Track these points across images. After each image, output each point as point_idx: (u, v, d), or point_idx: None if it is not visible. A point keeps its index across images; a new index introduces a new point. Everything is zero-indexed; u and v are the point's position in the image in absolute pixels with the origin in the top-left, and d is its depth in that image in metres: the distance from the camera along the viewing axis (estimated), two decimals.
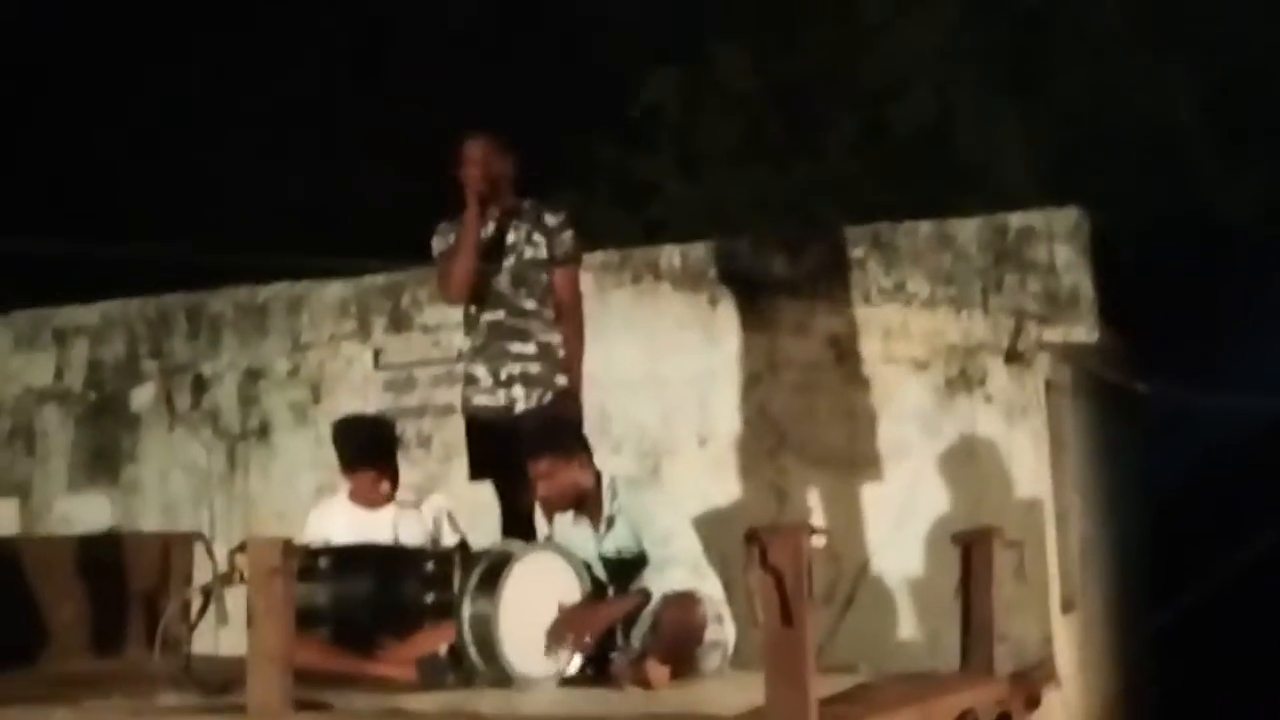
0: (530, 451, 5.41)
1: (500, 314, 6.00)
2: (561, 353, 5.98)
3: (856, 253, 7.32)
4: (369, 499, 5.88)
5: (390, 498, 5.90)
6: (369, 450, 5.91)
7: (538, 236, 6.01)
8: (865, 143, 10.65)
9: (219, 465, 8.39)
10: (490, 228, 6.04)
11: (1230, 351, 8.59)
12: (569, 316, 6.01)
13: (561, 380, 5.93)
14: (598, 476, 5.44)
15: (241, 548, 4.65)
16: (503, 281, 6.00)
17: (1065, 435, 7.47)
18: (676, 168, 11.27)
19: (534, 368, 5.93)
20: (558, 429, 5.53)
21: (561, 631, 5.08)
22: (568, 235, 6.04)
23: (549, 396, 5.89)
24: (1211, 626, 9.18)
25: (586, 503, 5.41)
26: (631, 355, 7.50)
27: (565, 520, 5.48)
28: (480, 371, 6.02)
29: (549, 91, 11.51)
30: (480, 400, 6.03)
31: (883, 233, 7.33)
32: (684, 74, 11.09)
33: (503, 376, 5.96)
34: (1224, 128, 9.69)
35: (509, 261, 6.00)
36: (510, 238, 6.03)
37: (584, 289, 6.21)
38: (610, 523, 5.38)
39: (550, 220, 6.04)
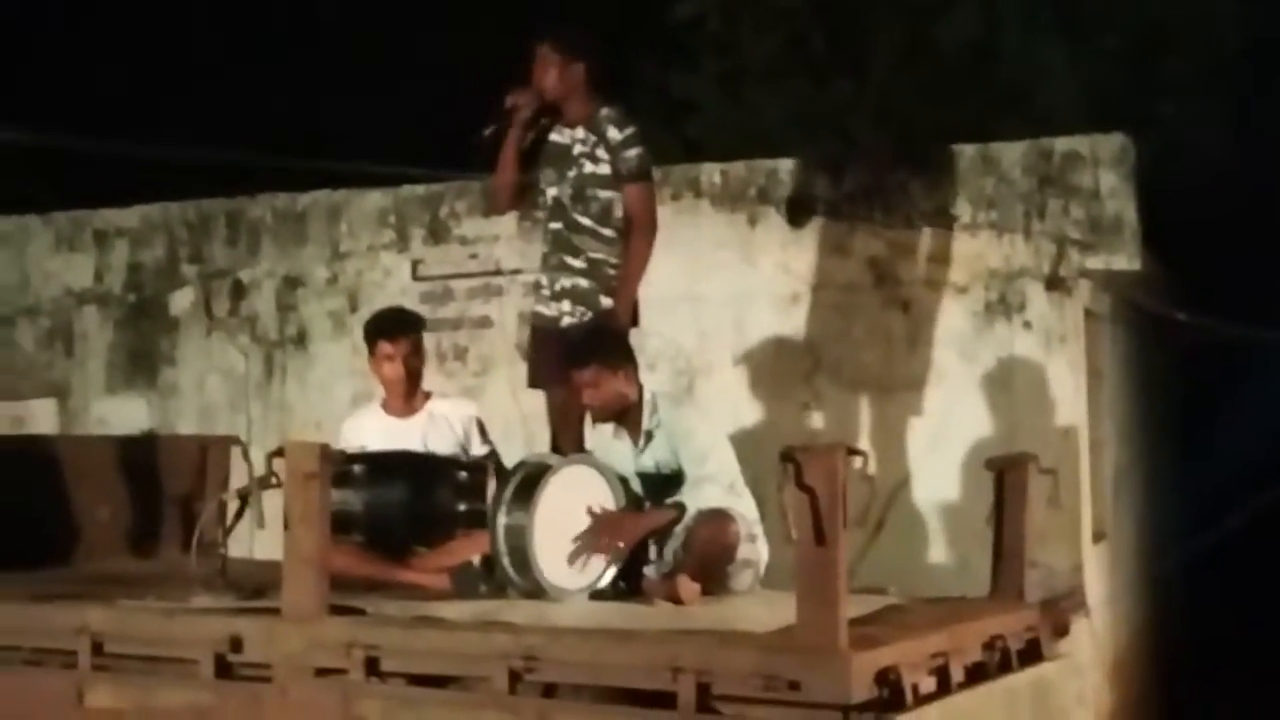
0: (576, 359, 5.41)
1: (560, 225, 5.96)
2: (611, 271, 5.88)
3: (897, 175, 7.26)
4: (391, 389, 5.86)
5: (415, 390, 5.88)
6: (382, 327, 5.91)
7: (601, 151, 5.90)
8: (909, 60, 10.52)
9: (256, 371, 8.43)
10: (552, 135, 5.96)
11: (1273, 283, 8.53)
12: (639, 232, 5.87)
13: (607, 302, 5.87)
14: (640, 391, 5.44)
15: (278, 452, 4.67)
16: (565, 192, 5.95)
17: (1103, 364, 7.44)
18: (716, 84, 11.16)
19: (583, 283, 5.90)
20: (605, 338, 5.53)
21: (595, 536, 5.10)
22: (633, 152, 5.88)
23: (589, 316, 5.87)
24: (1241, 560, 9.19)
25: (628, 416, 5.41)
26: (669, 273, 7.43)
27: (606, 432, 5.49)
28: (543, 280, 6.02)
29: (586, 3, 11.40)
30: (539, 309, 6.03)
31: (925, 154, 7.26)
32: None
33: (556, 288, 5.95)
34: (1273, 57, 9.55)
35: (571, 173, 5.94)
36: (576, 149, 5.94)
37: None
38: (649, 437, 5.38)
39: (615, 135, 5.89)
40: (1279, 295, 7.97)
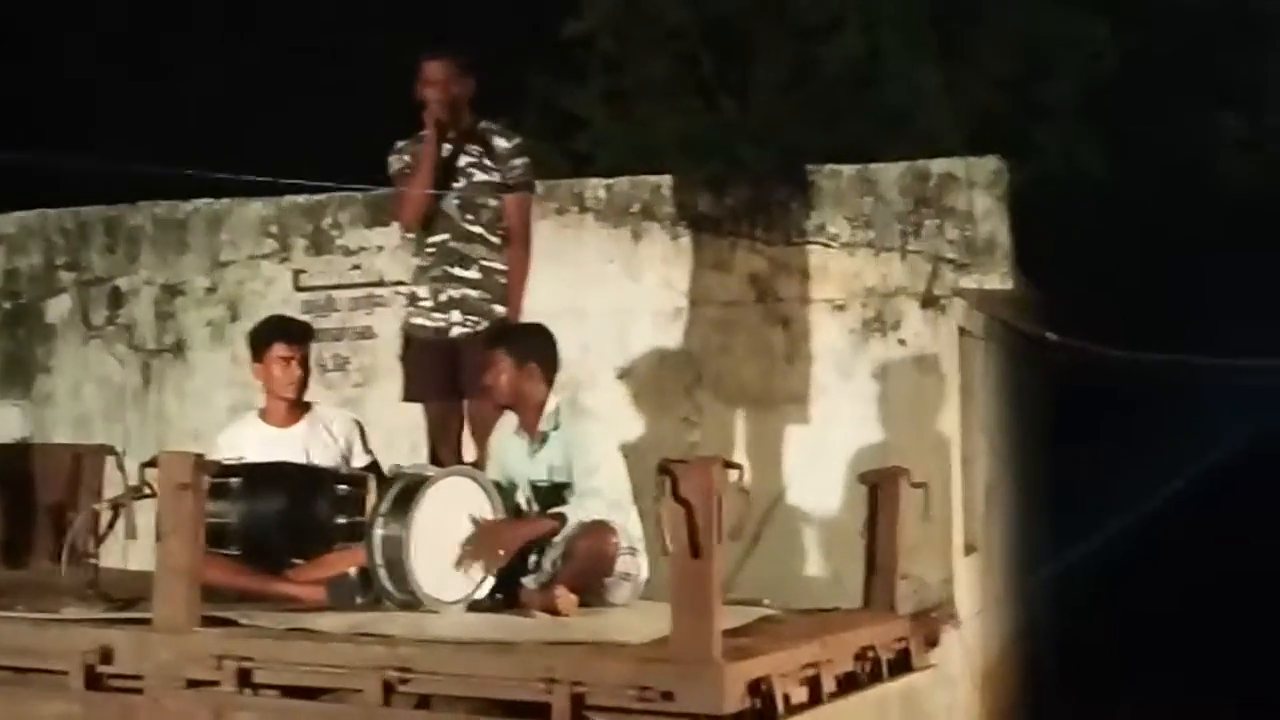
0: (490, 342, 5.47)
1: (446, 236, 6.01)
2: (503, 280, 5.99)
3: (779, 194, 7.36)
4: (282, 396, 5.79)
5: (301, 398, 5.85)
6: (282, 329, 5.88)
7: (489, 161, 6.01)
8: (793, 82, 10.67)
9: (133, 380, 8.32)
10: (446, 150, 6.02)
11: (1137, 304, 8.77)
12: (517, 243, 6.03)
13: (500, 310, 5.95)
14: (545, 395, 5.46)
15: (152, 462, 4.64)
16: (451, 204, 5.99)
17: (975, 381, 7.60)
18: (605, 100, 11.23)
19: (474, 293, 5.96)
20: (525, 332, 5.60)
21: (475, 546, 5.11)
22: (520, 162, 6.04)
23: (484, 325, 5.92)
24: (1108, 572, 9.42)
25: (527, 415, 5.45)
26: (553, 286, 7.49)
27: (508, 427, 5.52)
28: (422, 292, 6.05)
29: (480, 17, 11.41)
30: (418, 321, 6.07)
31: (806, 174, 7.37)
32: (617, 4, 11.03)
33: (442, 299, 5.98)
34: (1147, 85, 9.81)
35: (459, 184, 5.98)
36: (462, 160, 6.01)
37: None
38: (544, 439, 5.42)
39: (503, 145, 6.04)
40: (1146, 317, 8.18)
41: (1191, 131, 9.77)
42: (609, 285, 7.56)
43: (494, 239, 6.00)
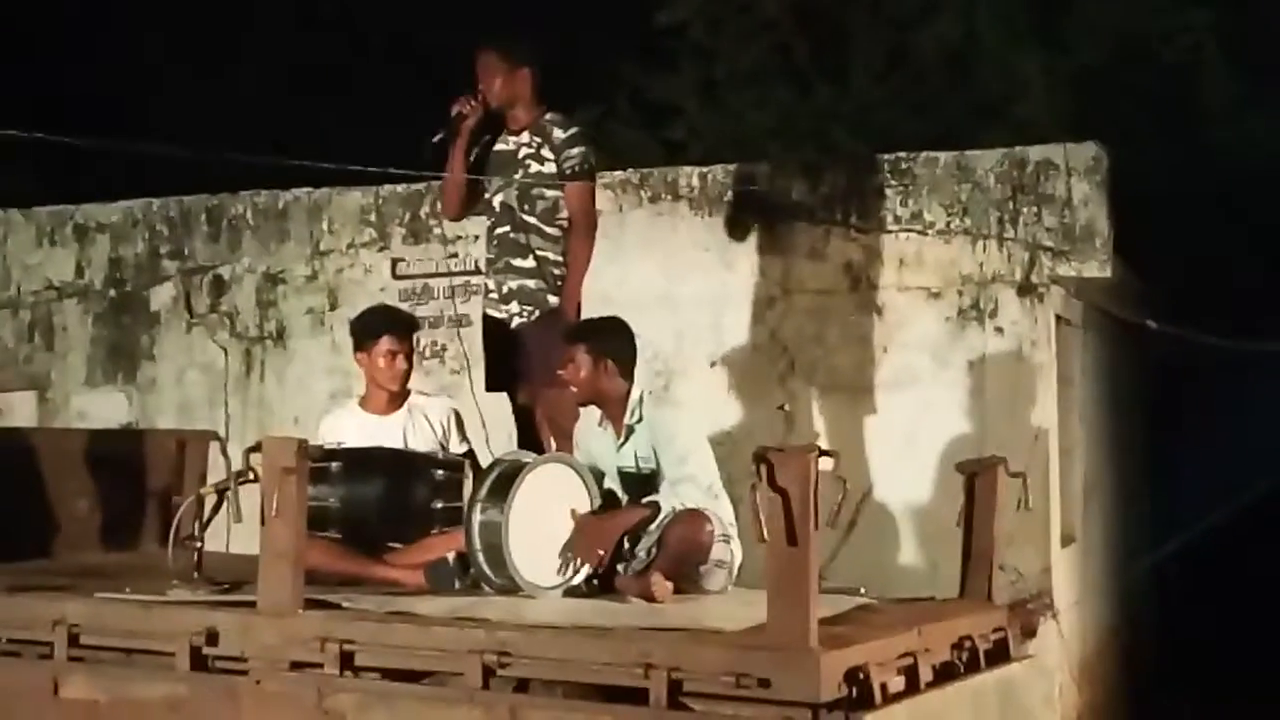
0: (568, 339, 5.51)
1: (506, 228, 6.07)
2: (558, 270, 5.99)
3: (875, 180, 7.33)
4: (384, 386, 5.86)
5: (404, 389, 5.91)
6: (390, 322, 5.94)
7: (547, 151, 6.04)
8: (889, 69, 10.60)
9: (235, 367, 8.47)
10: (499, 141, 6.08)
11: (1238, 292, 8.63)
12: (577, 232, 6.01)
13: (552, 300, 5.97)
14: (627, 387, 5.49)
15: (256, 447, 4.72)
16: (511, 195, 6.05)
17: (1073, 370, 7.52)
18: (698, 89, 11.22)
19: (530, 283, 6.00)
20: (597, 326, 5.59)
21: (577, 547, 5.15)
22: (577, 151, 6.02)
23: (536, 314, 5.96)
24: (1209, 564, 9.29)
25: (610, 408, 5.47)
26: (647, 275, 7.54)
27: (592, 420, 5.55)
28: (491, 283, 6.12)
29: (572, 6, 11.46)
30: (490, 312, 6.14)
31: (902, 161, 7.34)
32: None
33: (505, 290, 6.05)
34: (1245, 67, 9.65)
35: (518, 175, 6.03)
36: (521, 152, 6.06)
37: (602, 206, 6.22)
38: (630, 432, 5.44)
39: (559, 135, 6.04)
40: (1247, 305, 8.06)
41: None
42: (703, 273, 7.57)
43: (550, 229, 6.02)
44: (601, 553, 5.17)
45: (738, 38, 11.06)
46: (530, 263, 6.00)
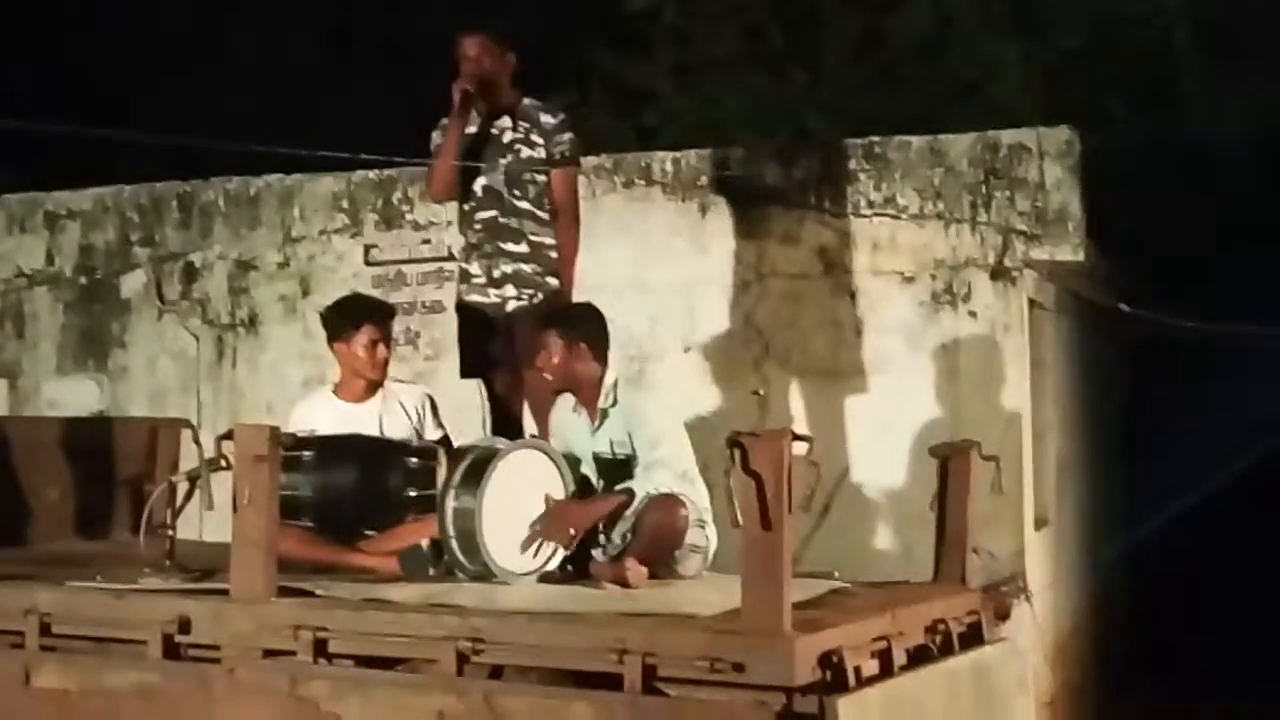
0: (540, 324, 5.48)
1: (494, 212, 6.04)
2: (553, 254, 6.02)
3: (848, 165, 7.33)
4: (365, 375, 5.82)
5: (381, 376, 5.88)
6: (368, 311, 5.90)
7: (535, 137, 6.04)
8: (862, 53, 10.61)
9: (207, 354, 8.43)
10: (488, 125, 6.05)
11: (1210, 276, 8.66)
12: (564, 218, 6.04)
13: (553, 282, 5.99)
14: (601, 372, 5.48)
15: (228, 434, 4.70)
16: (498, 179, 6.03)
17: (1046, 353, 7.54)
18: (671, 74, 11.21)
19: (526, 268, 5.99)
20: (573, 314, 5.59)
21: (546, 526, 5.15)
22: (566, 137, 6.06)
23: (539, 298, 5.95)
24: (1182, 546, 9.34)
25: (584, 393, 5.47)
26: (620, 260, 7.53)
27: (567, 405, 5.54)
28: (475, 268, 6.09)
29: None
30: (473, 297, 6.10)
31: (875, 146, 7.34)
32: None
33: (496, 274, 6.02)
34: (1217, 52, 9.69)
35: (505, 159, 6.02)
36: (508, 136, 6.05)
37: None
38: (604, 416, 5.44)
39: (548, 121, 6.06)
40: (1218, 288, 8.09)
41: (1264, 101, 9.63)
42: (677, 258, 7.56)
43: (542, 214, 6.02)
44: (572, 532, 5.16)
45: (711, 22, 11.05)
46: (524, 247, 5.99)
